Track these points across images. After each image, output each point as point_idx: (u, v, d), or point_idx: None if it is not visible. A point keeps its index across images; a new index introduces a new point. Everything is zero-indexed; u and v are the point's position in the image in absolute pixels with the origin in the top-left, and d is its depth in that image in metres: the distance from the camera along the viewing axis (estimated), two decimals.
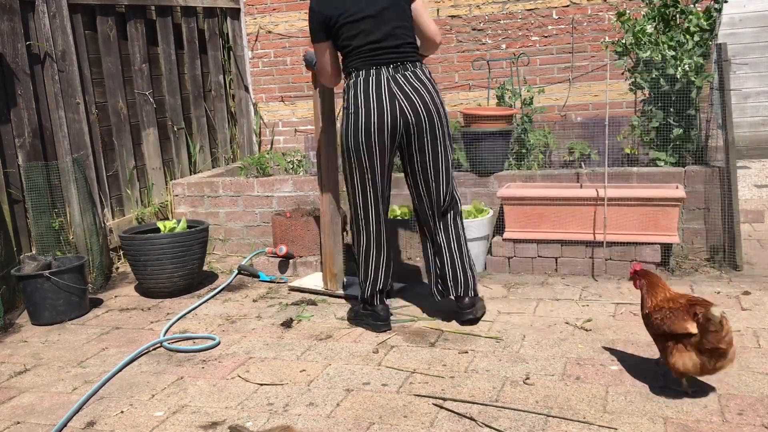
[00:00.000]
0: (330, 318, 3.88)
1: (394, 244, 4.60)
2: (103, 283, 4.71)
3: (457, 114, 5.98)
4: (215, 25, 6.32)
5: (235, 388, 3.08)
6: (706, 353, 2.62)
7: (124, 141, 5.27)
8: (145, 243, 4.35)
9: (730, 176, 4.27)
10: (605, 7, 5.82)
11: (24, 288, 4.05)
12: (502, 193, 4.50)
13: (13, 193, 4.40)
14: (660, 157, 4.58)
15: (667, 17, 4.60)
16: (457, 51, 6.20)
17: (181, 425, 2.78)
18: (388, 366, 3.20)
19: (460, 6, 6.13)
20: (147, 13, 5.48)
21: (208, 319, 3.99)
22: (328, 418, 2.76)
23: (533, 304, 3.89)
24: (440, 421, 2.68)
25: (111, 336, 3.83)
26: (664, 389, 2.81)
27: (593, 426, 2.57)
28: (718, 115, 4.48)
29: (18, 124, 4.43)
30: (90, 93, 4.94)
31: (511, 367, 3.11)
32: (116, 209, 5.22)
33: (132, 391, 3.11)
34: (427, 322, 3.72)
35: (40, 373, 3.40)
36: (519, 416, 2.68)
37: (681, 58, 4.40)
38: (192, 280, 4.49)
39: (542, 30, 5.99)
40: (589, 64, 5.93)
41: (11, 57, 4.37)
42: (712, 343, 2.60)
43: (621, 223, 4.23)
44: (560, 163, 5.33)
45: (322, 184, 4.28)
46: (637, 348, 3.22)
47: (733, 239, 4.25)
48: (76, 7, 4.78)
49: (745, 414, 2.59)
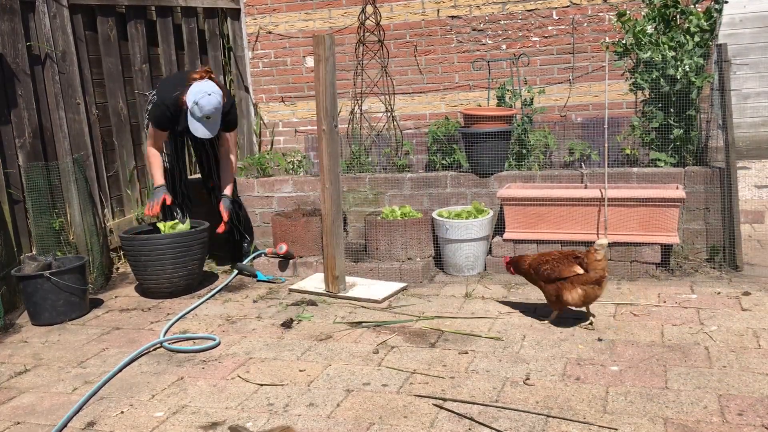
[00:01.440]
0: (330, 318, 3.88)
1: (394, 243, 4.60)
2: (103, 283, 4.71)
3: (458, 114, 5.99)
4: (215, 25, 6.32)
5: (235, 388, 3.08)
6: (589, 285, 3.42)
7: (125, 141, 5.28)
8: (146, 243, 4.35)
9: (730, 177, 4.27)
10: (606, 8, 5.82)
11: (24, 288, 4.05)
12: (502, 193, 4.50)
13: (14, 193, 4.40)
14: (660, 158, 4.58)
15: (667, 18, 4.60)
16: (457, 51, 6.21)
17: (181, 425, 2.78)
18: (388, 366, 3.20)
19: (460, 6, 6.13)
20: (147, 14, 5.48)
21: (209, 320, 3.99)
22: (328, 418, 2.76)
23: (533, 304, 3.89)
24: (440, 421, 2.68)
25: (111, 336, 3.83)
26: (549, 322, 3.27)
27: (593, 426, 2.57)
28: (718, 116, 4.48)
29: (18, 124, 4.43)
30: (90, 93, 4.94)
31: (512, 367, 3.11)
32: (116, 209, 5.22)
33: (132, 392, 3.11)
34: (427, 322, 3.72)
35: (40, 373, 3.40)
36: (519, 416, 2.68)
37: (681, 58, 4.41)
38: (192, 280, 4.49)
39: (542, 30, 5.99)
40: (589, 64, 5.92)
41: (11, 57, 4.37)
42: (598, 272, 3.39)
43: (621, 223, 4.23)
44: (560, 163, 5.33)
45: (324, 185, 4.28)
46: (637, 348, 3.22)
47: (733, 240, 4.25)
48: (77, 8, 4.78)
49: (745, 414, 2.59)
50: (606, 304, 3.82)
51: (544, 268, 3.55)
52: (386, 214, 4.76)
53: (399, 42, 6.32)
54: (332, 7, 6.46)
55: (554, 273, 3.50)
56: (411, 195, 5.05)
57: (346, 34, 6.38)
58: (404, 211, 4.78)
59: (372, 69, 5.94)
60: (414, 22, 6.28)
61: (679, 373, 2.94)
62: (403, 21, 6.29)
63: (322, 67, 4.02)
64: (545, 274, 3.54)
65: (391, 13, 6.27)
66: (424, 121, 6.35)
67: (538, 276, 3.58)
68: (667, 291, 3.95)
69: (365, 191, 5.15)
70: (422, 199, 5.03)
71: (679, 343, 3.25)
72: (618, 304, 3.82)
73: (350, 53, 6.20)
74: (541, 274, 3.56)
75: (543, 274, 3.55)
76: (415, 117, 6.40)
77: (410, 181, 5.05)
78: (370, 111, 6.23)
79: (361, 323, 3.76)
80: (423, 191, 5.03)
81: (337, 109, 4.24)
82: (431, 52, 6.28)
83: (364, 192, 5.15)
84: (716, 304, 3.72)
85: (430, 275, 4.56)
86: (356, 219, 5.15)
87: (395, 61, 6.26)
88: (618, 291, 4.03)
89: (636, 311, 3.68)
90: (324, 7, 6.47)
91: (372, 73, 5.95)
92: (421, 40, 6.28)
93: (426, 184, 5.01)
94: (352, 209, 5.18)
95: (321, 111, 4.11)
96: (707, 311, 3.62)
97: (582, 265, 3.45)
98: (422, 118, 6.38)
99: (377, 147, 6.06)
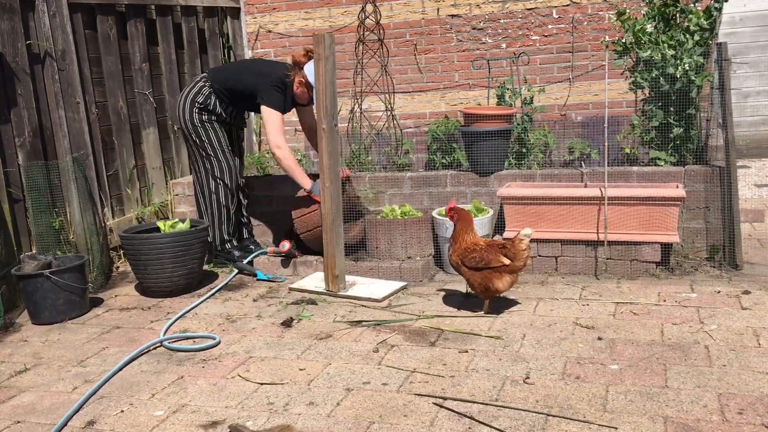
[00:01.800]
0: (330, 317, 3.89)
1: (394, 242, 4.60)
2: (103, 282, 4.71)
3: (457, 113, 5.99)
4: (215, 24, 6.32)
5: (235, 387, 3.08)
6: (515, 272, 3.64)
7: (124, 140, 5.27)
8: (145, 242, 4.35)
9: (730, 175, 4.27)
10: (605, 7, 5.82)
11: (24, 287, 4.05)
12: (502, 192, 4.50)
13: (14, 192, 4.40)
14: (660, 157, 4.58)
15: (667, 16, 4.59)
16: (457, 50, 6.21)
17: (181, 424, 2.78)
18: (388, 365, 3.20)
19: (460, 5, 6.13)
20: (147, 13, 5.48)
21: (209, 319, 3.99)
22: (328, 417, 2.76)
23: (533, 304, 3.89)
24: (440, 420, 2.68)
25: (111, 335, 3.84)
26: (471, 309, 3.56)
27: (593, 425, 2.57)
28: (718, 115, 4.48)
29: (18, 123, 4.43)
30: (90, 92, 4.94)
31: (512, 366, 3.11)
32: (116, 208, 5.22)
33: (132, 391, 3.12)
34: (427, 321, 3.73)
35: (40, 372, 3.40)
36: (519, 415, 2.68)
37: (681, 57, 4.40)
38: (192, 279, 4.49)
39: (542, 29, 5.99)
40: (589, 63, 5.93)
41: (11, 56, 4.37)
42: (524, 260, 3.60)
43: (621, 222, 4.23)
44: (560, 162, 5.34)
45: (324, 184, 4.28)
46: (637, 347, 3.22)
47: (733, 238, 4.25)
48: (76, 7, 4.77)
49: (745, 413, 2.59)
50: (606, 303, 3.82)
51: (471, 256, 3.68)
52: (386, 213, 4.76)
53: (399, 41, 6.32)
54: (332, 5, 6.45)
55: (482, 262, 3.64)
56: (411, 194, 5.05)
57: (346, 32, 6.38)
58: (404, 210, 4.78)
59: (372, 68, 5.94)
60: (414, 20, 6.28)
61: (679, 372, 2.95)
62: (403, 20, 6.29)
63: (322, 66, 4.02)
64: (473, 263, 3.68)
65: (391, 11, 6.27)
66: (424, 119, 6.35)
67: (465, 264, 3.71)
68: (667, 290, 3.96)
69: (365, 190, 5.14)
70: (422, 198, 5.03)
71: (679, 342, 3.25)
72: (618, 303, 3.82)
73: (350, 52, 6.20)
74: (468, 262, 3.69)
75: (470, 261, 3.69)
76: (415, 116, 6.40)
77: (410, 180, 5.05)
78: (370, 110, 6.23)
79: (361, 322, 3.76)
80: (423, 190, 5.03)
81: (337, 107, 4.24)
82: (431, 51, 6.28)
83: (364, 191, 5.15)
84: (716, 302, 3.72)
85: (430, 274, 4.56)
86: None
87: (395, 60, 6.26)
88: (618, 290, 4.03)
89: (636, 310, 3.68)
90: (324, 5, 6.47)
91: (372, 71, 5.95)
92: (421, 39, 6.28)
93: (426, 183, 5.01)
94: None
95: (321, 110, 4.11)
96: (707, 310, 3.62)
97: (508, 255, 3.62)
98: (422, 117, 6.38)
99: (377, 146, 6.07)
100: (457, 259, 3.76)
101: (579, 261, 4.35)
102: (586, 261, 4.34)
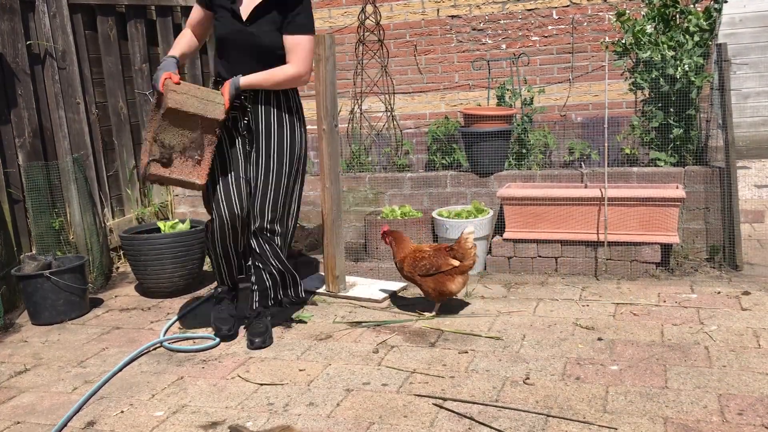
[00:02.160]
0: (330, 318, 3.89)
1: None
2: (103, 282, 4.71)
3: (457, 114, 5.99)
4: None
5: (235, 387, 3.08)
6: (465, 272, 3.71)
7: (125, 141, 5.28)
8: (146, 243, 4.35)
9: (730, 176, 4.27)
10: (605, 7, 5.82)
11: (24, 288, 4.05)
12: (502, 193, 4.50)
13: (14, 192, 4.40)
14: (660, 157, 4.58)
15: (667, 17, 4.60)
16: (457, 51, 6.21)
17: (181, 425, 2.78)
18: (388, 366, 3.20)
19: (460, 6, 6.13)
20: (147, 13, 5.48)
21: (209, 319, 3.98)
22: (328, 418, 2.76)
23: (533, 304, 3.89)
24: (440, 421, 2.68)
25: (111, 336, 3.83)
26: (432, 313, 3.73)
27: (593, 426, 2.57)
28: (718, 115, 4.49)
29: (18, 123, 4.43)
30: (90, 93, 4.94)
31: (511, 367, 3.11)
32: (116, 209, 5.22)
33: (132, 391, 3.11)
34: (427, 322, 3.73)
35: (40, 372, 3.40)
36: (519, 416, 2.68)
37: (681, 58, 4.41)
38: (192, 280, 4.49)
39: (542, 30, 6.00)
40: (589, 64, 5.93)
41: (11, 57, 4.37)
42: (472, 258, 3.66)
43: (621, 223, 4.23)
44: (560, 163, 5.34)
45: (324, 184, 4.28)
46: (637, 348, 3.22)
47: (733, 239, 4.25)
48: (76, 7, 4.78)
49: (745, 414, 2.60)
50: (606, 304, 3.82)
51: (422, 264, 3.72)
52: (386, 214, 4.76)
53: (399, 41, 6.32)
54: (332, 6, 6.46)
55: (433, 268, 3.70)
56: (411, 194, 5.05)
57: (346, 33, 6.38)
58: (404, 211, 4.78)
59: (372, 68, 5.94)
60: (414, 21, 6.28)
61: (679, 373, 2.95)
62: (403, 20, 6.29)
63: (323, 67, 4.02)
64: (424, 270, 3.72)
65: (391, 12, 6.27)
66: (424, 120, 6.35)
67: (418, 273, 3.75)
68: (666, 290, 3.96)
69: (365, 191, 5.15)
70: (422, 198, 5.03)
71: (679, 343, 3.25)
72: (618, 303, 3.82)
73: (350, 53, 6.20)
74: (420, 270, 3.74)
75: (422, 270, 3.73)
76: (415, 116, 6.40)
77: (410, 181, 5.05)
78: (370, 110, 6.23)
79: (361, 323, 3.77)
80: (423, 191, 5.03)
81: (338, 108, 4.24)
82: (431, 52, 6.28)
83: (364, 191, 5.15)
84: (716, 303, 3.72)
85: None
86: (356, 219, 5.15)
87: (395, 61, 6.26)
88: (618, 290, 4.03)
89: (636, 311, 3.68)
90: (324, 6, 6.47)
91: (372, 72, 5.95)
92: (421, 40, 6.28)
93: (426, 184, 5.01)
94: (352, 209, 5.18)
95: (321, 110, 4.11)
96: (707, 311, 3.62)
97: (456, 256, 3.69)
98: (422, 118, 6.38)
99: (377, 146, 6.07)
100: (409, 270, 3.79)
101: (579, 261, 4.35)
102: (586, 261, 4.34)
